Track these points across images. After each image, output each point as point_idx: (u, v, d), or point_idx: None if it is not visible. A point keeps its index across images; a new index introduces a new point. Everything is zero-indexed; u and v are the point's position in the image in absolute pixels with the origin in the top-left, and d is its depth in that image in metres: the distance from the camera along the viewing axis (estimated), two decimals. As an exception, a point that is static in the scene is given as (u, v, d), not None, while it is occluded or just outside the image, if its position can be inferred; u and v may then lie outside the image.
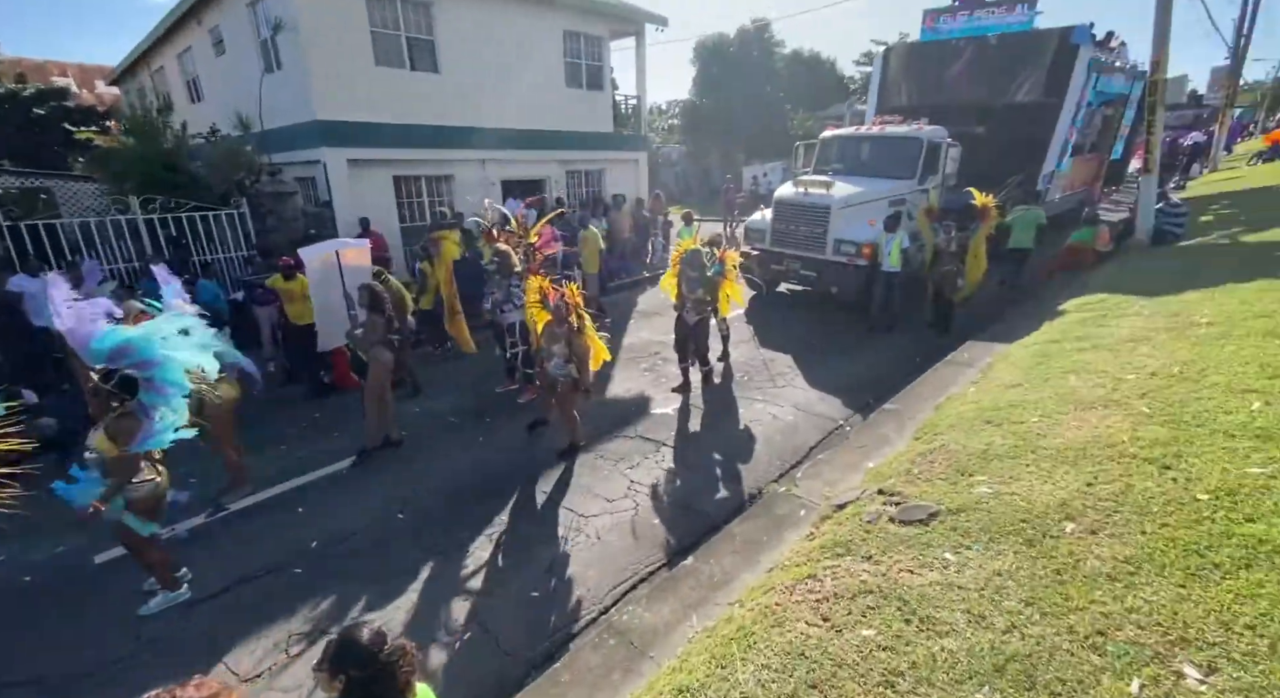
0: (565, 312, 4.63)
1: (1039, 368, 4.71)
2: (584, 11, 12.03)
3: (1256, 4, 19.70)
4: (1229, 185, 15.95)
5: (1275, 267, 6.09)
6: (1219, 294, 5.50)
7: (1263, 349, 3.93)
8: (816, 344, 7.74)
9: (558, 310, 4.63)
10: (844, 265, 8.59)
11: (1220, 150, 20.94)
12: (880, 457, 4.08)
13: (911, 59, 12.15)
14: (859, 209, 8.63)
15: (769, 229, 9.45)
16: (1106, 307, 6.15)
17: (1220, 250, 7.84)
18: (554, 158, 12.33)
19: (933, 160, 9.34)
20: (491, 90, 10.82)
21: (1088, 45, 10.14)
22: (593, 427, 5.64)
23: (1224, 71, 21.53)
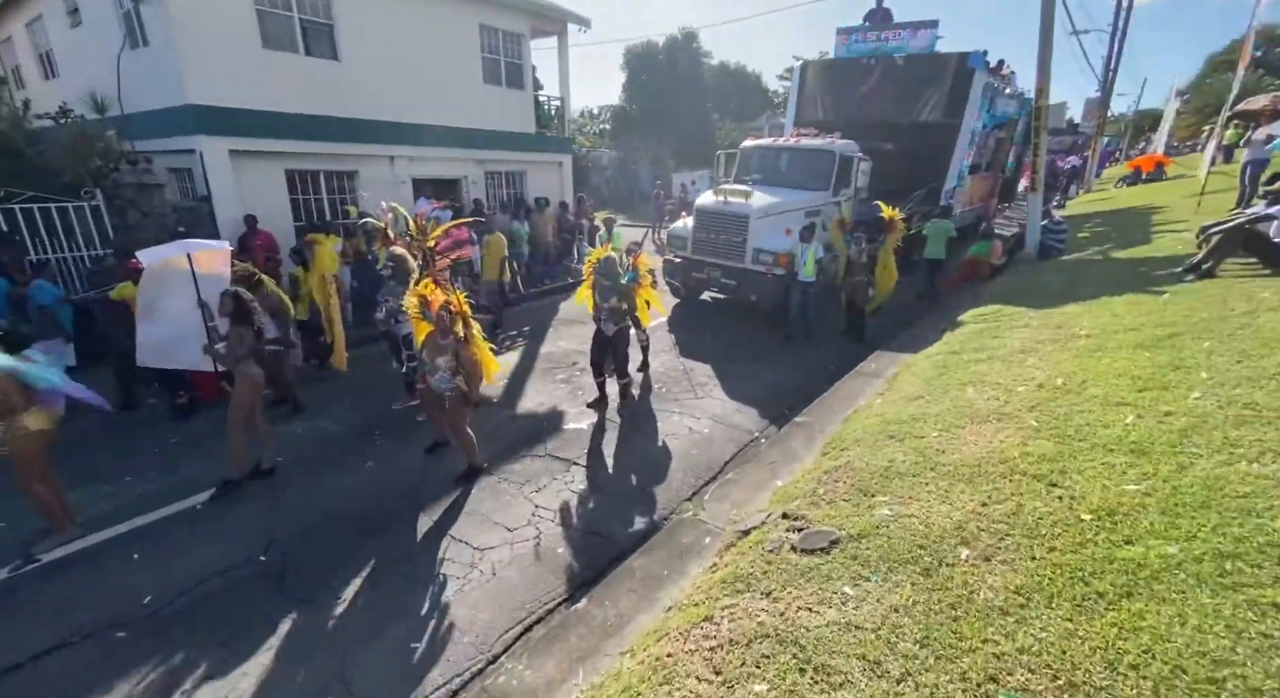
0: (449, 321, 4.26)
1: (939, 379, 4.83)
2: (501, 6, 11.57)
3: (1122, 44, 22.06)
4: (1101, 205, 17.66)
5: (1140, 281, 6.64)
6: (1095, 307, 5.89)
7: (1133, 362, 4.18)
8: (737, 353, 7.72)
9: (440, 320, 4.25)
10: (763, 274, 8.65)
11: (1093, 174, 23.27)
12: (789, 474, 4.00)
13: (826, 75, 12.56)
14: (776, 219, 8.73)
15: (690, 237, 9.40)
16: (1000, 318, 6.47)
17: (1095, 265, 8.52)
18: (471, 157, 11.76)
19: (845, 173, 9.63)
20: (400, 82, 10.15)
21: (982, 70, 10.84)
22: (499, 446, 5.27)
23: (1095, 102, 23.94)
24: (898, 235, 8.49)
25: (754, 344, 8.10)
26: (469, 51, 11.27)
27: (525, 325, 9.20)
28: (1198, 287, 5.78)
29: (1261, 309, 4.67)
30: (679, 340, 8.34)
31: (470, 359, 4.30)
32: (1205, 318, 4.78)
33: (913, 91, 11.48)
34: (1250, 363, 3.72)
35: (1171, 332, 4.61)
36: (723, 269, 9.05)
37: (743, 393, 6.42)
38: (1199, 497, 2.44)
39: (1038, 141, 9.83)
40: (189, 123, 7.84)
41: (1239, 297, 5.14)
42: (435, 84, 10.72)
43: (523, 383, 6.76)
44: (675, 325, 9.14)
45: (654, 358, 7.53)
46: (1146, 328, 4.86)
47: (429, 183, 11.23)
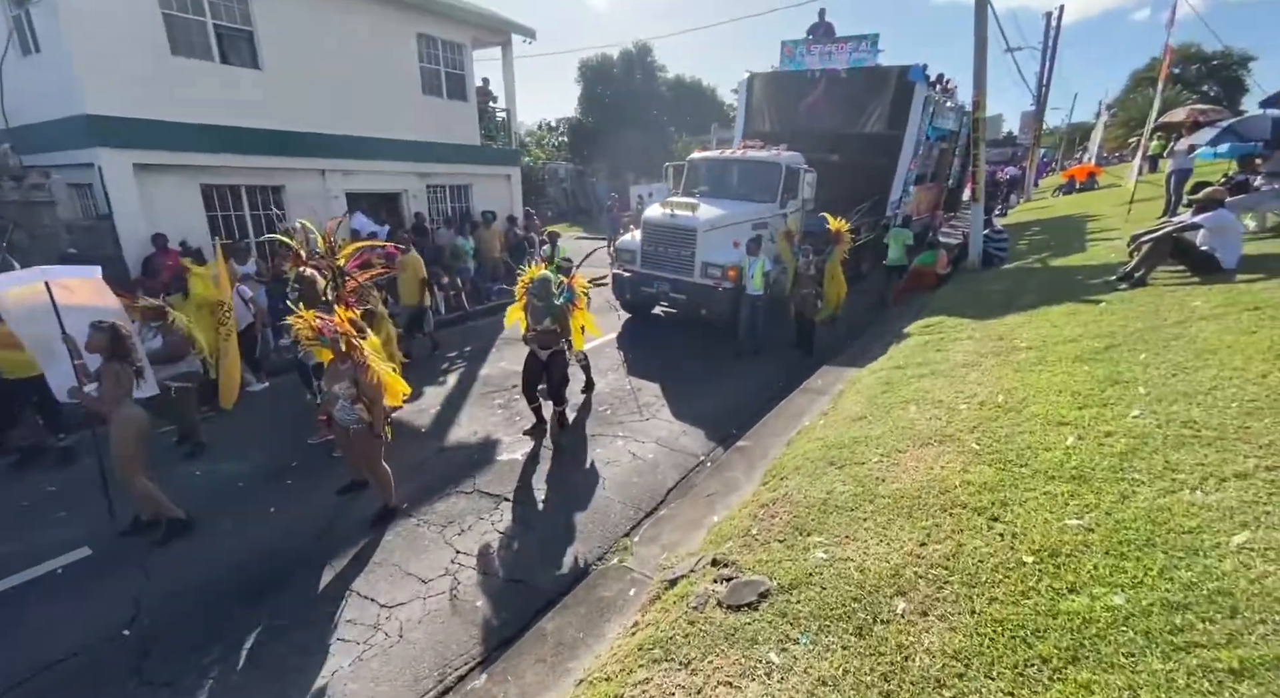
0: (343, 345, 3.87)
1: (883, 397, 4.66)
2: (440, 16, 11.20)
3: (1053, 61, 23.14)
4: (1040, 214, 18.31)
5: (1077, 290, 6.70)
6: (1035, 318, 5.88)
7: (1072, 376, 4.09)
8: (686, 369, 7.49)
9: (334, 344, 3.86)
10: (712, 288, 8.46)
11: (1031, 184, 24.26)
12: (726, 506, 3.73)
13: (772, 87, 12.60)
14: (724, 232, 8.58)
15: (638, 251, 9.17)
16: (944, 330, 6.41)
17: (1035, 273, 8.65)
18: (411, 170, 11.29)
19: (792, 185, 9.57)
20: (331, 92, 9.64)
21: (922, 83, 11.02)
22: (423, 482, 4.86)
23: (1031, 116, 25.03)
24: (845, 247, 8.45)
25: (704, 360, 7.89)
26: (407, 62, 10.85)
27: (466, 345, 8.77)
28: (1132, 295, 5.83)
29: (1193, 319, 4.68)
30: (628, 358, 8.06)
31: (370, 384, 3.90)
32: (1140, 328, 4.77)
33: (856, 104, 11.61)
34: (1185, 376, 3.65)
35: (1109, 343, 4.57)
36: (672, 283, 8.84)
37: (690, 413, 6.17)
38: (1143, 533, 2.26)
39: (976, 153, 10.01)
40: (86, 135, 7.19)
41: (1171, 306, 5.17)
42: (370, 94, 10.25)
43: (457, 409, 6.35)
44: (625, 342, 8.86)
45: (601, 377, 7.23)
46: (1085, 339, 4.82)
47: (366, 197, 10.71)
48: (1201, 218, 5.78)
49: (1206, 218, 5.75)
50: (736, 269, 8.10)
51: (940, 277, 9.98)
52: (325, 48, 9.45)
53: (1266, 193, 7.09)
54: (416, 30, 10.88)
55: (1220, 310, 4.68)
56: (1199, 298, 5.20)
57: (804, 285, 8.09)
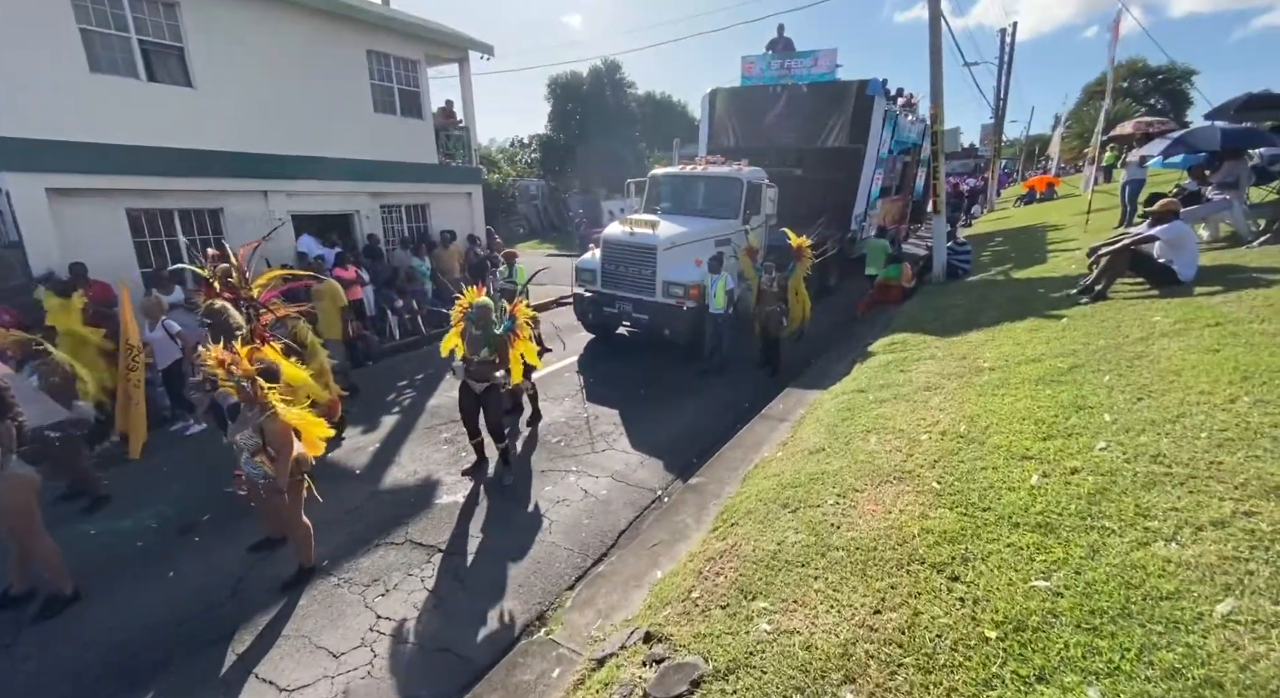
0: (250, 390, 3.46)
1: (843, 426, 4.40)
2: (391, 32, 10.88)
3: (1009, 75, 23.77)
4: (1002, 224, 18.59)
5: (1039, 304, 6.59)
6: (998, 335, 5.72)
7: (1036, 401, 3.88)
8: (648, 394, 7.19)
9: (241, 389, 3.45)
10: (674, 307, 8.21)
11: (993, 194, 24.77)
12: (673, 558, 3.40)
13: (734, 103, 12.54)
14: (685, 249, 8.34)
15: (599, 270, 8.88)
16: (907, 348, 6.22)
17: (998, 286, 8.59)
18: (363, 190, 10.86)
19: (754, 200, 9.41)
20: (273, 110, 9.22)
21: (880, 96, 11.04)
22: (349, 533, 4.43)
23: (991, 128, 25.62)
24: (807, 263, 8.28)
25: (668, 382, 7.60)
26: (356, 78, 10.48)
27: (419, 373, 8.33)
28: (1093, 310, 5.71)
29: (1155, 335, 4.53)
30: (587, 382, 7.72)
31: (277, 434, 3.50)
32: (1103, 346, 4.61)
33: (818, 118, 11.59)
34: (1151, 401, 3.45)
35: (1072, 363, 4.39)
36: (633, 303, 8.56)
37: (650, 441, 5.86)
38: (1117, 599, 2.00)
39: (936, 165, 9.99)
40: (-8, 158, 6.66)
41: (1132, 321, 5.04)
42: (317, 112, 9.85)
43: (398, 446, 5.92)
44: (585, 365, 8.53)
45: (556, 405, 6.89)
46: (1048, 359, 4.64)
47: (314, 219, 10.25)
48: (1158, 230, 5.71)
49: (1163, 230, 5.68)
50: (699, 287, 7.87)
51: (906, 290, 9.89)
52: (266, 64, 9.04)
53: (1217, 203, 7.13)
54: (366, 47, 10.53)
55: (1181, 326, 4.55)
56: (1159, 312, 5.08)
57: (767, 303, 7.90)
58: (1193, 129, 8.08)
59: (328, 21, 9.82)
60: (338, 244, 10.27)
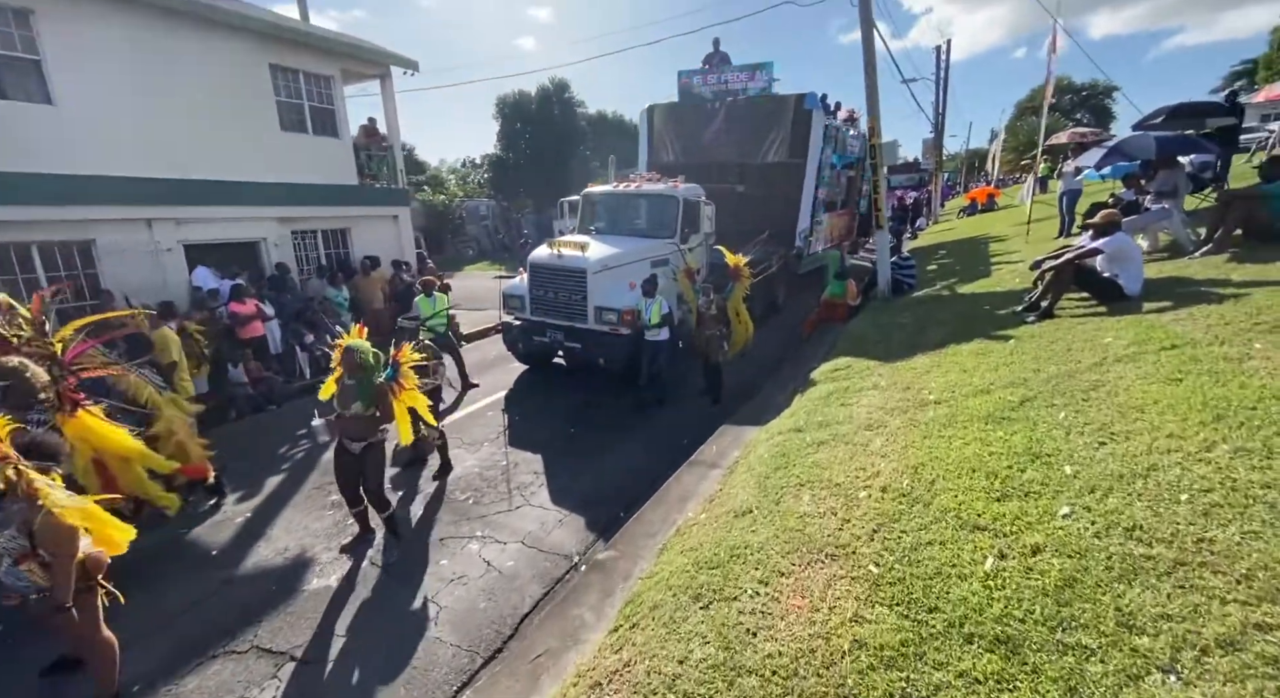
0: (10, 475, 2.64)
1: (775, 476, 3.81)
2: (298, 45, 10.08)
3: (946, 91, 24.38)
4: (947, 236, 18.75)
5: (984, 323, 6.22)
6: (944, 360, 5.28)
7: (986, 445, 3.37)
8: (579, 432, 6.51)
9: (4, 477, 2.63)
10: (608, 334, 7.59)
11: (937, 206, 25.24)
12: (556, 677, 2.69)
13: (672, 119, 12.15)
14: (618, 272, 7.74)
15: (527, 296, 8.20)
16: (850, 375, 5.73)
17: (943, 302, 8.28)
18: (270, 215, 9.93)
19: (692, 218, 8.92)
20: (157, 130, 8.29)
21: (819, 110, 10.80)
22: (184, 635, 3.58)
23: (931, 142, 26.22)
24: (746, 283, 7.78)
25: (602, 418, 6.94)
26: (258, 95, 9.61)
27: None
28: (1040, 330, 5.34)
29: (1108, 360, 4.12)
30: (512, 421, 6.97)
31: (52, 534, 2.68)
32: (1054, 373, 4.17)
33: (757, 133, 11.28)
34: (1115, 446, 2.97)
35: (1023, 395, 3.93)
36: (565, 331, 7.89)
37: (574, 492, 5.17)
38: (1109, 785, 1.41)
39: (876, 179, 9.74)
40: None
41: (1083, 343, 4.65)
42: (212, 132, 8.94)
43: (273, 515, 5.04)
44: (514, 400, 7.78)
45: (473, 452, 6.13)
46: (996, 389, 4.18)
47: (213, 248, 9.25)
48: (1101, 243, 5.40)
49: (1106, 243, 5.38)
50: (633, 313, 7.27)
51: (851, 307, 9.53)
52: (145, 80, 8.12)
53: (1155, 213, 6.98)
54: (268, 60, 9.69)
55: (1135, 349, 4.15)
56: (1110, 332, 4.71)
57: (707, 326, 7.37)
58: (1127, 138, 8.01)
59: (221, 34, 8.96)
60: (239, 275, 9.29)
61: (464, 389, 8.15)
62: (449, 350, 8.22)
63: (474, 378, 8.50)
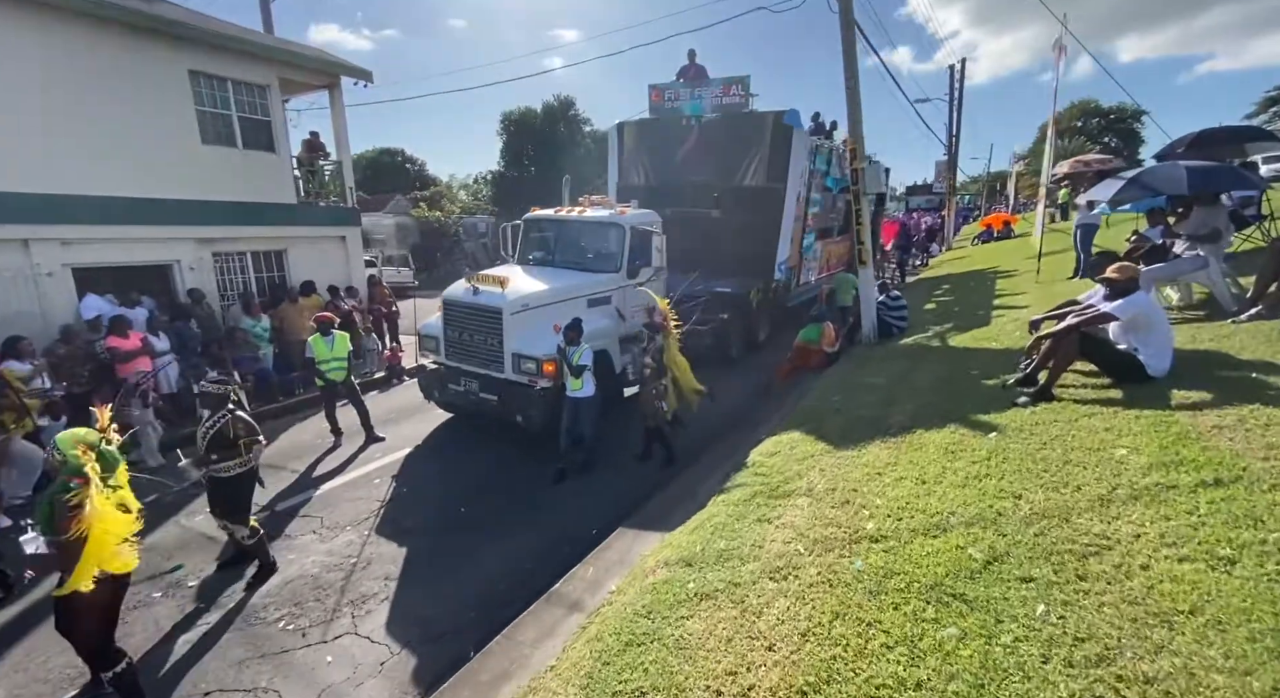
0: None
1: (616, 667, 2.58)
2: (227, 52, 9.21)
3: (960, 111, 23.10)
4: (955, 266, 17.37)
5: (966, 398, 4.92)
6: (903, 456, 4.01)
7: (915, 655, 2.12)
8: (470, 514, 5.36)
9: None
10: (526, 387, 6.44)
11: (951, 232, 23.83)
12: None
13: (643, 137, 11.09)
14: (542, 312, 6.60)
15: (441, 337, 7.10)
16: (787, 465, 4.47)
17: (928, 356, 6.98)
18: (186, 235, 8.99)
19: (643, 249, 7.77)
20: (39, 140, 7.41)
21: (801, 129, 9.64)
22: None
23: (944, 165, 24.88)
24: (673, 335, 6.43)
25: (507, 491, 5.79)
26: (174, 104, 8.72)
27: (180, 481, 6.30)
28: (1032, 420, 4.04)
29: (1120, 493, 2.84)
30: (398, 493, 5.82)
31: None
32: (1041, 508, 2.90)
33: (733, 153, 10.15)
34: None
35: (990, 550, 2.66)
36: (480, 380, 6.76)
37: (424, 611, 4.00)
38: None
39: (858, 209, 8.52)
40: None
41: (1086, 452, 3.37)
42: (113, 143, 8.04)
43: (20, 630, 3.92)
44: (415, 460, 6.65)
45: (327, 538, 4.99)
46: (956, 528, 2.92)
47: (109, 272, 8.31)
48: (1114, 307, 4.11)
49: (1120, 306, 4.08)
50: (555, 362, 6.10)
51: (828, 355, 8.25)
52: (23, 83, 7.26)
53: (1188, 261, 5.63)
54: (189, 67, 8.83)
55: (1159, 480, 2.87)
56: (1125, 437, 3.42)
57: (644, 382, 6.21)
58: (1152, 168, 6.68)
59: (125, 34, 8.10)
60: (140, 303, 8.34)
61: (366, 442, 7.05)
62: (350, 400, 7.14)
63: (383, 429, 7.42)
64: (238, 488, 4.38)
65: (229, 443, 4.25)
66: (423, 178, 50.79)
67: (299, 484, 6.01)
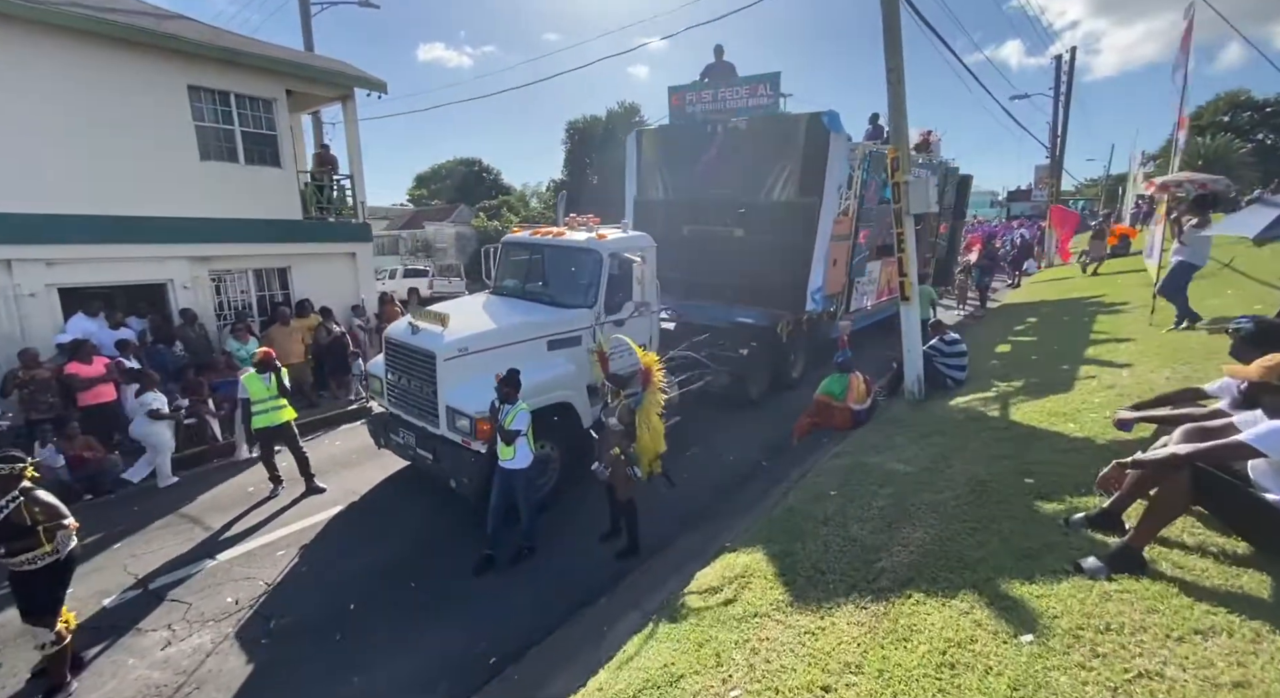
0: None
1: None
2: (228, 65, 8.97)
3: (1068, 106, 19.91)
4: (1054, 289, 14.70)
5: (1014, 522, 3.34)
6: (874, 655, 2.54)
7: None
8: (365, 610, 4.44)
9: None
10: (461, 447, 5.45)
11: (1052, 247, 20.57)
12: None
13: (662, 146, 9.86)
14: (486, 358, 5.56)
15: (384, 380, 6.26)
16: (707, 637, 3.11)
17: (980, 431, 5.24)
18: (181, 253, 8.80)
19: (623, 280, 6.56)
20: (27, 157, 7.36)
21: (839, 132, 8.03)
22: None
23: (1045, 169, 21.62)
24: (657, 388, 5.28)
25: (425, 576, 4.85)
26: (171, 120, 8.54)
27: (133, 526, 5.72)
28: (1104, 612, 2.45)
29: None
30: (295, 572, 4.96)
31: None
32: None
33: (760, 164, 8.69)
34: None
35: None
36: (418, 434, 5.85)
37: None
38: None
39: (901, 232, 6.84)
40: None
41: None
42: (105, 160, 7.93)
43: None
44: (341, 524, 5.81)
45: (171, 644, 4.16)
46: None
47: (98, 292, 8.20)
48: (1252, 435, 2.42)
49: (1262, 436, 2.39)
50: (491, 422, 5.03)
51: (855, 415, 6.63)
52: (6, 99, 7.19)
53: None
54: (187, 82, 8.64)
55: None
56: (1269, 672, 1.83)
57: (609, 444, 5.07)
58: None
59: (121, 50, 7.96)
60: (126, 324, 8.17)
61: (305, 493, 6.33)
62: (288, 445, 6.41)
63: (335, 475, 6.72)
64: (44, 583, 3.63)
65: (25, 531, 3.51)
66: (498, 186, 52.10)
67: (199, 549, 5.30)
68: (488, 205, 36.26)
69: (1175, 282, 7.32)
